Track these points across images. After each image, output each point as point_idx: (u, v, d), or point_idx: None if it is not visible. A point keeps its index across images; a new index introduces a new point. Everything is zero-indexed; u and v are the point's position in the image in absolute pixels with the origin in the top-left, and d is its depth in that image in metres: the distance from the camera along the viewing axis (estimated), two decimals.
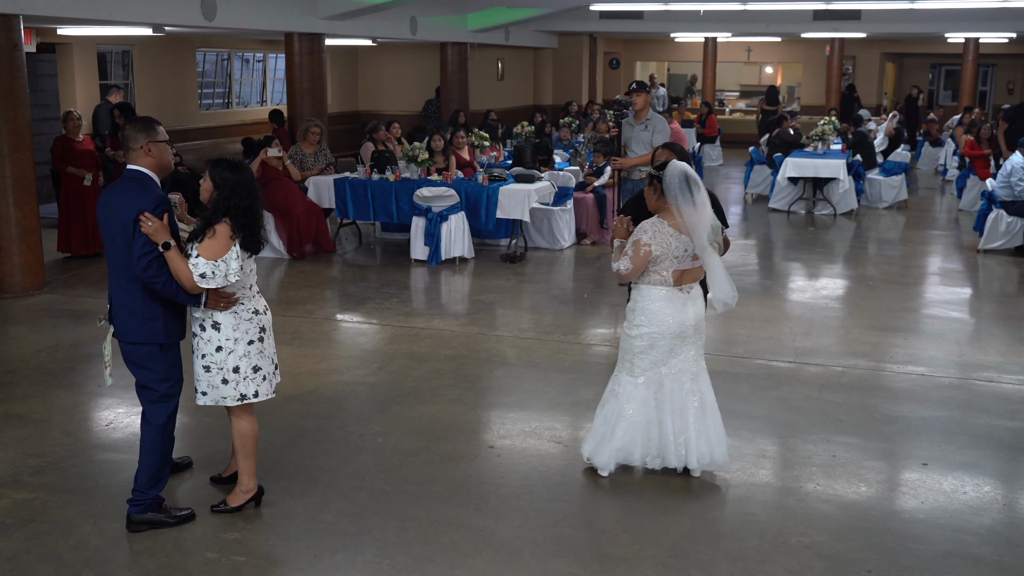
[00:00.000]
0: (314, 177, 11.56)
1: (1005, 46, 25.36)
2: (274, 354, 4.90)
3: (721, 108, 27.42)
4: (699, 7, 19.16)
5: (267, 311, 4.85)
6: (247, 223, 4.58)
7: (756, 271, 10.79)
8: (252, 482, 4.89)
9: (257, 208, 4.63)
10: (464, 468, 5.45)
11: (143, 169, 4.64)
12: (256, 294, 4.81)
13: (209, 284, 4.48)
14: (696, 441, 5.20)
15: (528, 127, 16.07)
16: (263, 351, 4.78)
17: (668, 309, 5.09)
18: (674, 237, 5.00)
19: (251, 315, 4.72)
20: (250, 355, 4.72)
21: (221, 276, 4.48)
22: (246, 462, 4.87)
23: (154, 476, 4.72)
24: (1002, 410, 6.44)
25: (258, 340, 4.74)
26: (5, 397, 6.54)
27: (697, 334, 5.21)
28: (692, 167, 5.20)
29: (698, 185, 4.99)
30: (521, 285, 9.97)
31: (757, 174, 16.08)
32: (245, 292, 4.72)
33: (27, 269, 9.29)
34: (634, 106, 8.99)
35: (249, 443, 4.85)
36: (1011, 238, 11.44)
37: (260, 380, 4.76)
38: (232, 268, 4.50)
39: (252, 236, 4.61)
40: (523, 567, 4.40)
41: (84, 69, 14.71)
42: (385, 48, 20.70)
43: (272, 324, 4.90)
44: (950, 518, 4.90)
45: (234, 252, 4.51)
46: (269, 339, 4.83)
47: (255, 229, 4.63)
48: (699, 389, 5.22)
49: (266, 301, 4.92)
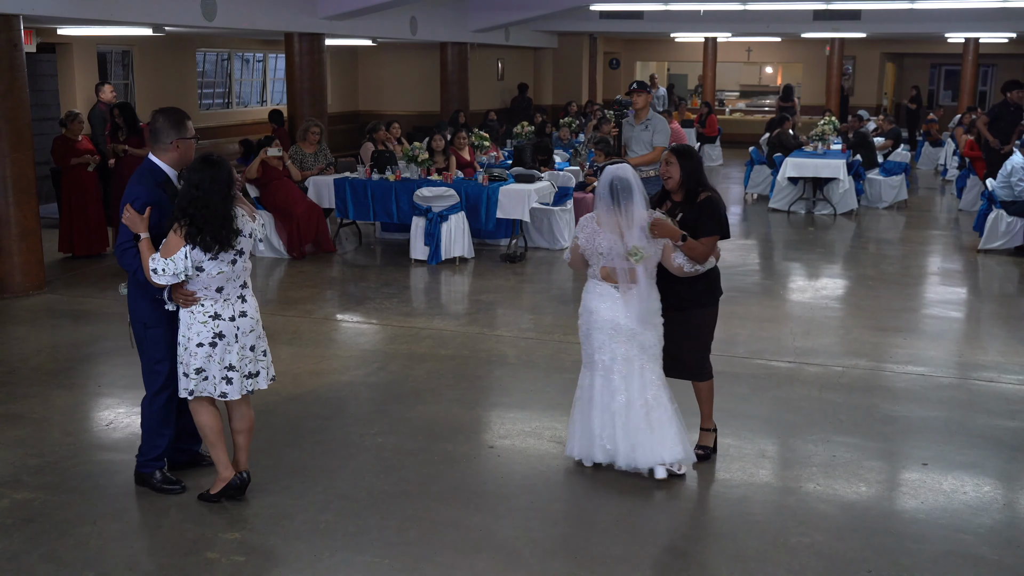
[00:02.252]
0: (314, 177, 11.56)
1: (1005, 46, 25.36)
2: (242, 362, 4.78)
3: (721, 108, 27.42)
4: (699, 7, 19.17)
5: (240, 317, 4.76)
6: (204, 221, 4.55)
7: (756, 271, 10.79)
8: (225, 471, 4.91)
9: (216, 206, 4.56)
10: (464, 468, 5.45)
11: (159, 162, 4.87)
12: (225, 299, 4.73)
13: (159, 280, 4.60)
14: (622, 440, 5.19)
15: (528, 127, 16.08)
16: (212, 356, 4.71)
17: (600, 304, 5.20)
18: (600, 234, 5.11)
19: (207, 318, 4.69)
20: (196, 356, 4.71)
21: (169, 274, 4.58)
22: (213, 452, 4.92)
23: (145, 445, 5.05)
24: (1002, 410, 6.44)
25: (209, 344, 4.70)
26: (5, 397, 6.54)
27: (633, 336, 5.16)
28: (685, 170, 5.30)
29: (627, 193, 5.03)
30: (521, 285, 9.96)
31: (757, 174, 16.09)
32: (207, 293, 4.69)
33: (27, 269, 9.29)
34: (634, 106, 9.00)
35: (209, 435, 4.89)
36: (1011, 238, 11.43)
37: (200, 380, 4.74)
38: (179, 267, 4.56)
39: (210, 235, 4.56)
40: (523, 567, 4.40)
41: (84, 69, 14.71)
42: (385, 48, 20.69)
43: (251, 331, 4.81)
44: (950, 518, 4.90)
45: (183, 252, 4.55)
46: (230, 346, 4.73)
47: (213, 228, 4.57)
48: (629, 388, 5.18)
49: (249, 307, 4.82)
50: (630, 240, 5.03)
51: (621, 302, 5.14)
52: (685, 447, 5.23)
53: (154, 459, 5.08)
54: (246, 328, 4.81)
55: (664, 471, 5.22)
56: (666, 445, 5.18)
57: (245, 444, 5.03)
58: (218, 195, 4.58)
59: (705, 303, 5.42)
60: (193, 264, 4.61)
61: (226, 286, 4.74)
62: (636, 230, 5.04)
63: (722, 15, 21.25)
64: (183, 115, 4.99)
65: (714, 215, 5.29)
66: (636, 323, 5.13)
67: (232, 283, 4.76)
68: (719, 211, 5.32)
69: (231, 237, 4.63)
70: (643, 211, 5.08)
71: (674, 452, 5.20)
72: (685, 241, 5.13)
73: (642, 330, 5.16)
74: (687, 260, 5.15)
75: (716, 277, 5.46)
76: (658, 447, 5.18)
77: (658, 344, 5.25)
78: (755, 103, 28.79)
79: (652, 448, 5.18)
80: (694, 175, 5.34)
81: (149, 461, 5.09)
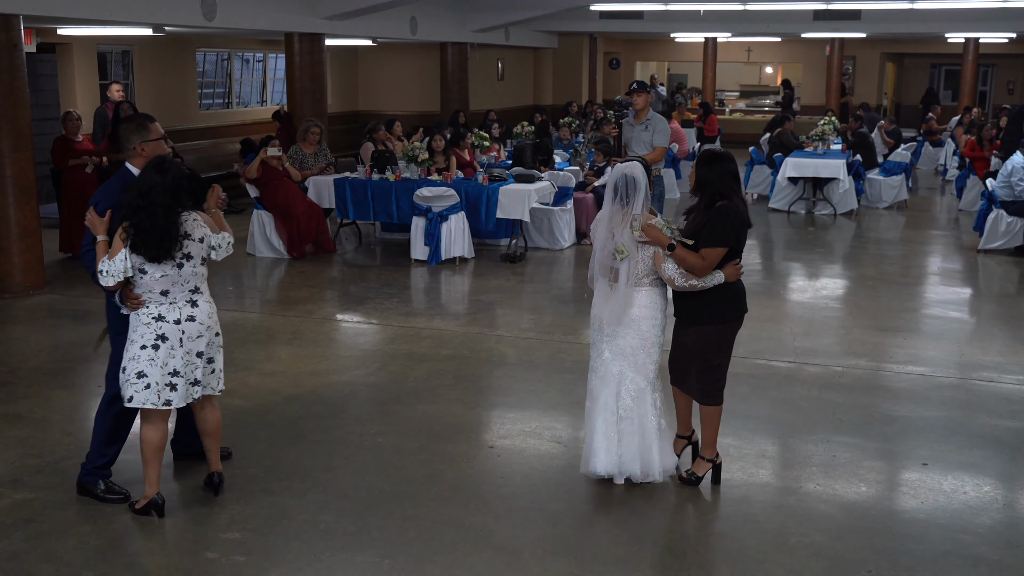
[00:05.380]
0: (314, 177, 11.55)
1: (1005, 46, 25.36)
2: (187, 368, 4.73)
3: (721, 108, 27.42)
4: (699, 7, 19.18)
5: (187, 322, 4.71)
6: (145, 231, 4.55)
7: (756, 271, 10.79)
8: (150, 489, 4.81)
9: (157, 217, 4.54)
10: (464, 468, 5.45)
11: (131, 167, 4.92)
12: (171, 302, 4.68)
13: (104, 281, 4.62)
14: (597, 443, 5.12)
15: (528, 127, 16.08)
16: (154, 359, 4.66)
17: (596, 300, 5.17)
18: (599, 229, 5.07)
19: (150, 320, 4.66)
20: (139, 359, 4.67)
21: (110, 276, 4.59)
22: (145, 467, 4.81)
23: (94, 453, 5.03)
24: (1002, 410, 6.44)
25: (152, 347, 4.66)
26: (5, 397, 6.54)
27: (614, 337, 5.06)
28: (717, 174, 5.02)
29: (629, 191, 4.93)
30: (521, 285, 9.96)
31: (757, 174, 16.09)
32: (152, 296, 4.67)
33: (27, 269, 9.29)
34: (634, 106, 9.00)
35: (146, 449, 4.78)
36: (1011, 238, 11.44)
37: (142, 387, 4.66)
38: (118, 268, 4.58)
39: (149, 244, 4.55)
40: (523, 567, 4.40)
41: (84, 69, 14.70)
42: (385, 48, 20.69)
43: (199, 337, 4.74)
44: (950, 518, 4.90)
45: (123, 254, 4.58)
46: (174, 350, 4.68)
47: (153, 238, 4.55)
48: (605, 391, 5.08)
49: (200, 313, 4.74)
50: (619, 238, 4.93)
51: (608, 299, 5.04)
52: (648, 466, 5.09)
53: (100, 467, 5.02)
54: (193, 333, 4.73)
55: (622, 478, 5.15)
56: (625, 458, 5.10)
57: (213, 447, 5.00)
58: (161, 207, 4.55)
59: (707, 322, 5.03)
60: (135, 266, 4.61)
61: (172, 289, 4.69)
62: (628, 230, 4.93)
63: (722, 15, 21.25)
64: (145, 119, 5.05)
65: (718, 225, 4.88)
66: (608, 322, 5.03)
67: (179, 287, 4.70)
68: (725, 221, 4.89)
69: (171, 247, 4.59)
70: (639, 212, 4.94)
71: (631, 467, 5.09)
72: (673, 250, 4.86)
73: (620, 332, 5.02)
74: (679, 273, 4.89)
75: (731, 296, 5.06)
76: (617, 457, 5.10)
77: (642, 352, 5.05)
78: (755, 103, 28.78)
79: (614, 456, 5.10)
80: (709, 182, 4.98)
81: (95, 470, 5.02)
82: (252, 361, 7.28)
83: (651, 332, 5.06)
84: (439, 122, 15.74)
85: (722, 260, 4.96)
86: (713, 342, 5.08)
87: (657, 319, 5.07)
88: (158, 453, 4.82)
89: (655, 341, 5.08)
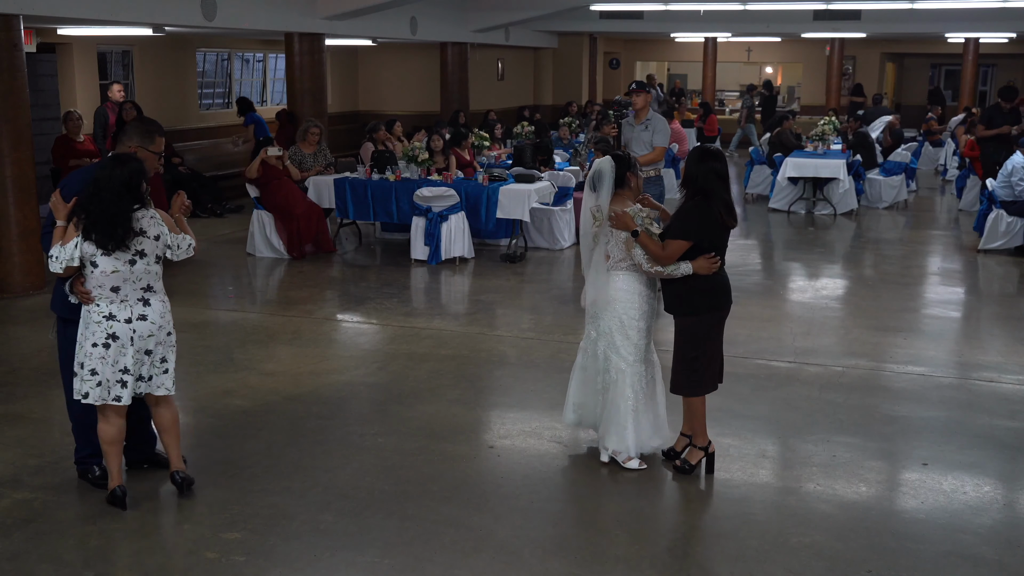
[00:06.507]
0: (314, 177, 11.55)
1: (1005, 46, 25.37)
2: (136, 365, 4.73)
3: (721, 108, 27.42)
4: (699, 7, 19.17)
5: (138, 320, 4.70)
6: (95, 218, 4.57)
7: (756, 271, 10.79)
8: (111, 481, 4.87)
9: (108, 203, 4.56)
10: (464, 468, 5.45)
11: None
12: (122, 300, 4.68)
13: (54, 267, 4.63)
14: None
15: (528, 127, 16.08)
16: (105, 357, 4.67)
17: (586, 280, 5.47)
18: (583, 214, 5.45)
19: (101, 318, 4.67)
20: (91, 357, 4.69)
21: (58, 262, 4.60)
22: (104, 460, 4.90)
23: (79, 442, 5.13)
24: (1002, 410, 6.44)
25: (103, 345, 4.67)
26: (5, 397, 6.54)
27: (594, 318, 5.34)
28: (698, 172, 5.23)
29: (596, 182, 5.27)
30: (521, 285, 9.96)
31: (757, 174, 16.09)
32: (102, 292, 4.67)
33: (27, 269, 9.28)
34: (634, 106, 9.00)
35: (103, 441, 4.83)
36: (1011, 238, 11.43)
37: (95, 385, 4.69)
38: (67, 255, 4.59)
39: (99, 232, 4.57)
40: (523, 567, 4.40)
41: (84, 69, 14.70)
42: (385, 48, 20.69)
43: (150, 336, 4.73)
44: (950, 518, 4.90)
45: (74, 242, 4.60)
46: (124, 348, 4.68)
47: (103, 225, 4.57)
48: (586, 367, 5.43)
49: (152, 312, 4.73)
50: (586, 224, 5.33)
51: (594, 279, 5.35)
52: (626, 442, 5.27)
53: (89, 456, 5.10)
54: (144, 332, 4.73)
55: (607, 456, 5.36)
56: (609, 431, 5.31)
57: (172, 443, 4.98)
58: (112, 193, 4.57)
59: (683, 312, 5.19)
60: (87, 258, 4.62)
61: (123, 287, 4.68)
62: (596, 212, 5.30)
63: (722, 15, 21.24)
64: (155, 129, 5.06)
65: (683, 219, 5.10)
66: (583, 299, 5.40)
67: (130, 284, 4.69)
68: (691, 216, 5.08)
69: (125, 237, 4.60)
70: (603, 202, 5.24)
71: (616, 442, 5.29)
72: (637, 236, 5.06)
73: (601, 314, 5.29)
74: (646, 259, 5.10)
75: (709, 289, 5.15)
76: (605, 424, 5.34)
77: (619, 334, 5.24)
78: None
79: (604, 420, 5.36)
80: (693, 178, 5.14)
81: (86, 458, 5.12)
82: (252, 361, 7.28)
83: (627, 314, 5.25)
84: (438, 121, 15.73)
85: (693, 255, 5.09)
86: (688, 332, 5.22)
87: (634, 302, 5.24)
88: (114, 446, 4.85)
89: (632, 324, 5.25)
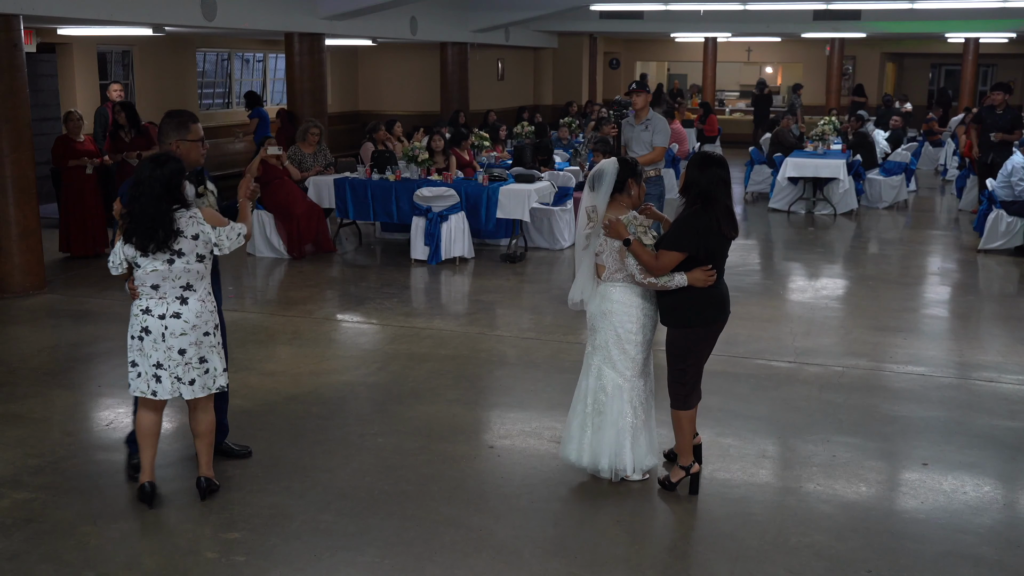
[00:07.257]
0: (314, 177, 11.55)
1: (1005, 46, 25.37)
2: (169, 363, 4.77)
3: (721, 108, 27.42)
4: (699, 7, 19.17)
5: (172, 318, 4.74)
6: (136, 220, 4.65)
7: (756, 271, 10.79)
8: (143, 475, 4.93)
9: (147, 206, 4.61)
10: (464, 468, 5.45)
11: None
12: (160, 297, 4.74)
13: (111, 270, 4.83)
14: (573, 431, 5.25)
15: (528, 127, 16.07)
16: (142, 350, 4.79)
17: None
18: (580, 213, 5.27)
19: (139, 311, 4.79)
20: (131, 348, 4.84)
21: (112, 266, 4.82)
22: (139, 452, 4.98)
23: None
24: (1002, 410, 6.44)
25: (137, 338, 4.80)
26: (5, 397, 6.54)
27: (593, 332, 5.18)
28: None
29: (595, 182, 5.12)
30: (521, 285, 9.97)
31: (757, 174, 16.09)
32: (144, 289, 4.77)
33: (27, 269, 9.29)
34: (634, 106, 8.98)
35: (138, 433, 4.94)
36: (1011, 238, 11.43)
37: (135, 376, 4.85)
38: (116, 259, 4.78)
39: (139, 233, 4.64)
40: (523, 567, 4.41)
41: (84, 69, 14.71)
42: (385, 48, 20.69)
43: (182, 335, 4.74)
44: (950, 518, 4.90)
45: (118, 246, 4.75)
46: (156, 343, 4.75)
47: (142, 227, 4.63)
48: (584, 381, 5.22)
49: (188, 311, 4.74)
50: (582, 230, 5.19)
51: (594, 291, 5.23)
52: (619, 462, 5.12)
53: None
54: (176, 330, 4.76)
55: (594, 471, 5.21)
56: (596, 451, 5.15)
57: (204, 449, 5.00)
58: (150, 196, 4.62)
59: (674, 324, 5.01)
60: (130, 258, 4.74)
61: (162, 284, 4.74)
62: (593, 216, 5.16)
63: (722, 15, 21.24)
64: (188, 118, 5.08)
65: (680, 229, 4.88)
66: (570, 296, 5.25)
67: (170, 282, 4.74)
68: (688, 226, 4.86)
69: (167, 239, 4.65)
70: (600, 203, 5.08)
71: (600, 461, 5.14)
72: (629, 245, 4.89)
73: (598, 326, 5.12)
74: (639, 268, 4.92)
75: (703, 302, 4.94)
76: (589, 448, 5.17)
77: (616, 348, 5.06)
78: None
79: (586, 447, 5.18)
80: (696, 184, 4.92)
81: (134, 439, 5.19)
82: (252, 361, 7.28)
83: (624, 327, 5.06)
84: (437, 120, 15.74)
85: (689, 266, 4.89)
86: (678, 345, 5.03)
87: (631, 315, 5.05)
88: (148, 439, 4.91)
89: (629, 338, 5.06)
